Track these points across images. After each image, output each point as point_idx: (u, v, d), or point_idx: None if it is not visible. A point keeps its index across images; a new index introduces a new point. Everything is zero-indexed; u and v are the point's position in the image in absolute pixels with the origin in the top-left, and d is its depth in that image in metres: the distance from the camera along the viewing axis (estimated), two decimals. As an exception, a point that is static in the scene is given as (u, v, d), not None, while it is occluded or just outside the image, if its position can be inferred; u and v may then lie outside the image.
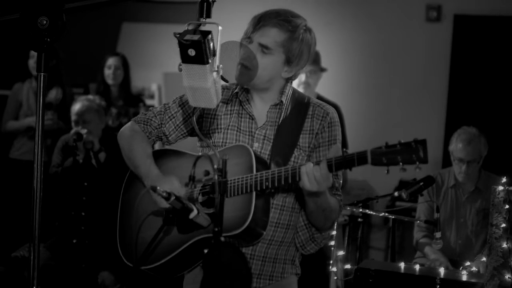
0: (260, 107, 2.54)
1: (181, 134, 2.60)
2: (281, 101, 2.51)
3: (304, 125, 2.50)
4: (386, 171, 2.16)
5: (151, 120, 2.59)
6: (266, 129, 2.51)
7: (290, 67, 2.47)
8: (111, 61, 5.54)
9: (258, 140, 2.49)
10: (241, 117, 2.53)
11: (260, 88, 2.50)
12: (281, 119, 2.50)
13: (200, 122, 2.56)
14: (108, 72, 5.52)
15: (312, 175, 2.23)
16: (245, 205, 2.30)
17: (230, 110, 2.55)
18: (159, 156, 2.58)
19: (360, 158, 2.18)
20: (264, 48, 2.41)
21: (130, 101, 5.61)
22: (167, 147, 2.65)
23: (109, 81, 5.52)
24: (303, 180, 2.25)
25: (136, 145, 2.55)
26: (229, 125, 2.53)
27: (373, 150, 2.17)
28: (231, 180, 2.31)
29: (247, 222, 2.28)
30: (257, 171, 2.33)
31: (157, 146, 2.82)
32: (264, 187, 2.30)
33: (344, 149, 2.33)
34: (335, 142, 2.51)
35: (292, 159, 2.47)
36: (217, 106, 2.53)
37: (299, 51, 2.45)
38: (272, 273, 2.52)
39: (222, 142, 2.51)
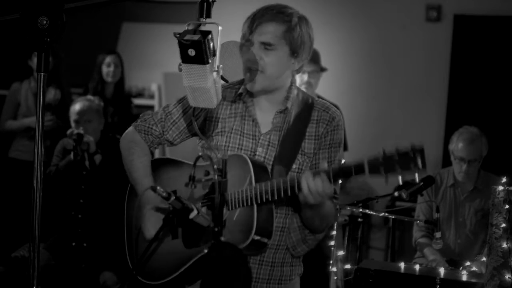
0: (265, 110, 2.50)
1: (186, 137, 2.58)
2: (287, 107, 2.48)
3: (308, 130, 2.47)
4: (385, 182, 2.15)
5: (152, 129, 2.55)
6: (271, 134, 2.47)
7: (296, 58, 2.44)
8: (110, 59, 5.57)
9: (262, 145, 2.46)
10: (245, 120, 2.50)
11: (269, 90, 2.45)
12: (286, 124, 2.47)
13: (203, 125, 2.53)
14: (107, 70, 5.54)
15: (314, 189, 2.20)
16: (247, 219, 2.28)
17: (234, 113, 2.51)
18: (158, 166, 2.57)
19: (357, 169, 2.17)
20: (266, 45, 2.37)
21: (124, 100, 5.68)
22: (167, 156, 2.64)
23: (109, 79, 5.55)
24: (305, 195, 2.22)
25: (135, 159, 2.54)
26: (232, 129, 2.49)
27: (370, 161, 2.14)
28: (231, 193, 2.29)
29: (250, 237, 2.25)
30: (257, 178, 2.30)
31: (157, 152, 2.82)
32: (264, 200, 2.28)
33: (342, 161, 2.31)
34: (335, 146, 2.48)
35: (296, 165, 2.44)
36: (221, 108, 2.52)
37: (300, 39, 2.40)
38: (281, 277, 2.51)
39: (225, 145, 2.48)
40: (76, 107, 4.62)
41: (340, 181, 2.42)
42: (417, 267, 3.81)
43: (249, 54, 2.38)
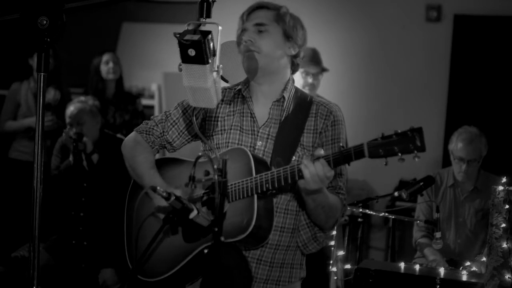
0: (262, 104, 2.53)
1: (185, 140, 2.61)
2: (283, 97, 2.52)
3: (307, 123, 2.50)
4: (384, 163, 2.15)
5: (153, 129, 2.60)
6: (270, 126, 2.51)
7: (291, 42, 2.51)
8: (107, 57, 5.55)
9: (262, 138, 2.49)
10: (243, 117, 2.53)
11: (268, 72, 2.49)
12: (283, 116, 2.50)
13: (203, 125, 2.56)
14: (107, 68, 5.51)
15: (315, 173, 2.21)
16: (247, 209, 2.29)
17: (233, 111, 2.55)
18: (160, 166, 2.59)
19: (357, 152, 2.17)
20: (260, 26, 2.47)
21: (127, 97, 5.64)
22: (168, 155, 2.65)
23: (109, 76, 5.51)
24: (305, 177, 2.23)
25: (138, 155, 2.56)
26: (232, 125, 2.53)
27: (369, 143, 2.16)
28: (231, 185, 2.30)
29: (250, 227, 2.26)
30: (257, 172, 2.32)
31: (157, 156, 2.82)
32: (264, 189, 2.29)
33: (341, 145, 2.33)
34: (339, 141, 2.50)
35: (295, 158, 2.45)
36: (220, 107, 2.55)
37: (292, 24, 2.51)
38: (279, 278, 2.50)
39: (225, 142, 2.51)
40: (68, 110, 4.63)
41: (346, 170, 2.51)
42: (417, 267, 3.81)
43: (245, 38, 2.47)
